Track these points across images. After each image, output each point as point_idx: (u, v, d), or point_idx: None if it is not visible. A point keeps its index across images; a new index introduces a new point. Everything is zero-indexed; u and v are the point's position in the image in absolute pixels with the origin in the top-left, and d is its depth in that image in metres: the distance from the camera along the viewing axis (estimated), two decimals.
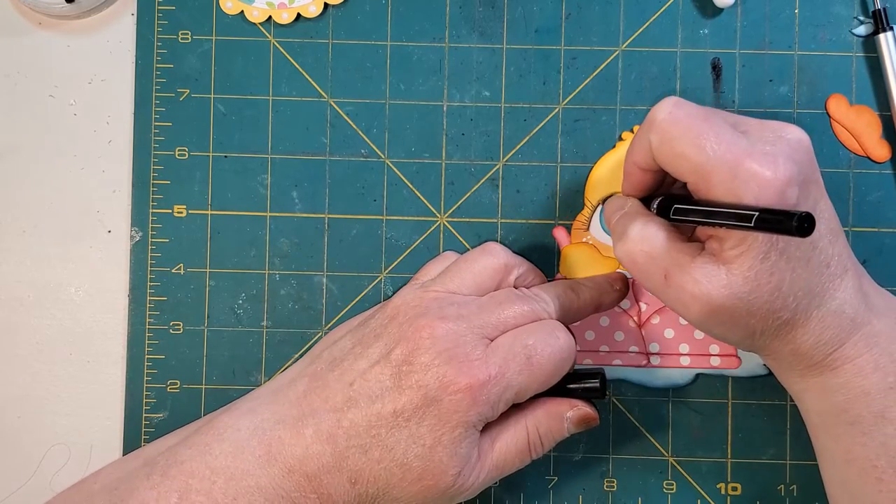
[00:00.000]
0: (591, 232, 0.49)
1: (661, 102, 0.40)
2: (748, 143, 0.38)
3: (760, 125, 0.40)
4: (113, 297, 0.50)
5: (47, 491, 0.49)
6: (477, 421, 0.42)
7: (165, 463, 0.42)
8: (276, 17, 0.50)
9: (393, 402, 0.41)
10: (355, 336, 0.44)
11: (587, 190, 0.49)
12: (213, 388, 0.50)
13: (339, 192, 0.50)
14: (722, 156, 0.38)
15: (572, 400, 0.45)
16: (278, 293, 0.50)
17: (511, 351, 0.42)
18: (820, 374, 0.41)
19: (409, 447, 0.41)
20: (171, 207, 0.50)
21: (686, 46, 0.50)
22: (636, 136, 0.42)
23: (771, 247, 0.38)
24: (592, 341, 0.49)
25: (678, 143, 0.39)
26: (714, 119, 0.39)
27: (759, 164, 0.37)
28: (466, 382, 0.41)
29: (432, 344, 0.41)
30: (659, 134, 0.40)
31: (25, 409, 0.50)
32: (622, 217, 0.43)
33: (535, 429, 0.44)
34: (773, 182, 0.37)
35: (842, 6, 0.50)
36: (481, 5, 0.50)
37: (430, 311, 0.42)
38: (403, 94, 0.50)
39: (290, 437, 0.42)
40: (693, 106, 0.40)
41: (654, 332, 0.49)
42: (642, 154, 0.41)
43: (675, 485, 0.49)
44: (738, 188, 0.37)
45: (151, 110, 0.50)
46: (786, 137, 0.39)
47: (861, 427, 0.41)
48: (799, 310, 0.40)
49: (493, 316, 0.43)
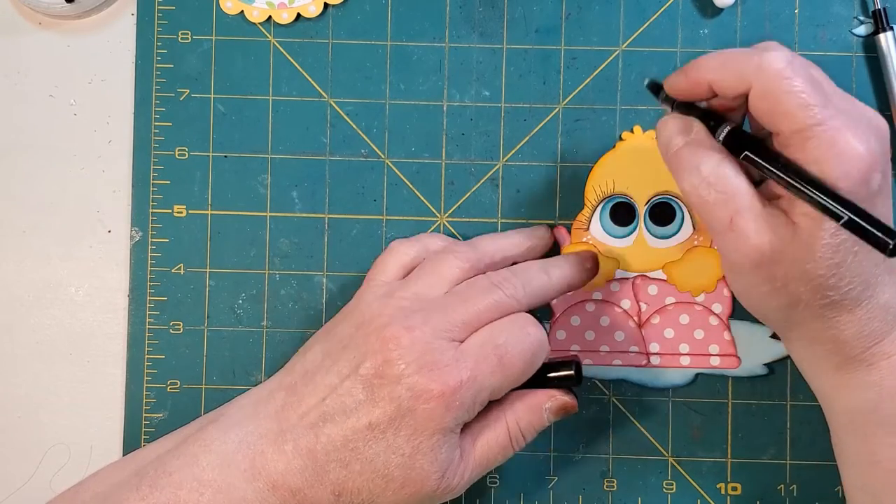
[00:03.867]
0: (590, 232, 0.49)
1: (775, 50, 0.39)
2: (848, 117, 0.38)
3: (852, 104, 0.39)
4: (113, 297, 0.50)
5: (47, 491, 0.49)
6: (454, 426, 0.41)
7: (155, 473, 0.42)
8: (276, 17, 0.50)
9: (367, 415, 0.41)
10: (324, 346, 0.44)
11: (587, 190, 0.49)
12: (213, 388, 0.50)
13: (339, 192, 0.50)
14: (827, 121, 0.37)
15: (550, 390, 0.45)
16: (278, 293, 0.50)
17: (482, 352, 0.42)
18: (855, 369, 0.41)
19: (389, 458, 0.41)
20: (171, 207, 0.50)
21: (686, 46, 0.50)
22: (727, 62, 0.39)
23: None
24: (592, 341, 0.49)
25: (788, 99, 0.38)
26: (823, 83, 0.39)
27: (857, 140, 0.37)
28: (439, 390, 0.40)
29: (400, 355, 0.41)
30: (768, 83, 0.38)
31: (25, 409, 0.50)
32: (689, 147, 0.40)
33: (516, 422, 0.44)
34: (866, 160, 0.37)
35: (842, 6, 0.50)
36: (481, 5, 0.50)
37: (395, 320, 0.42)
38: (403, 94, 0.50)
39: (272, 452, 0.42)
40: (802, 63, 0.39)
41: (654, 332, 0.49)
42: (729, 83, 0.39)
43: (675, 485, 0.49)
44: (832, 158, 0.37)
45: (151, 110, 0.50)
46: (874, 123, 0.39)
47: (889, 428, 0.40)
48: (850, 295, 0.39)
49: (459, 316, 0.42)
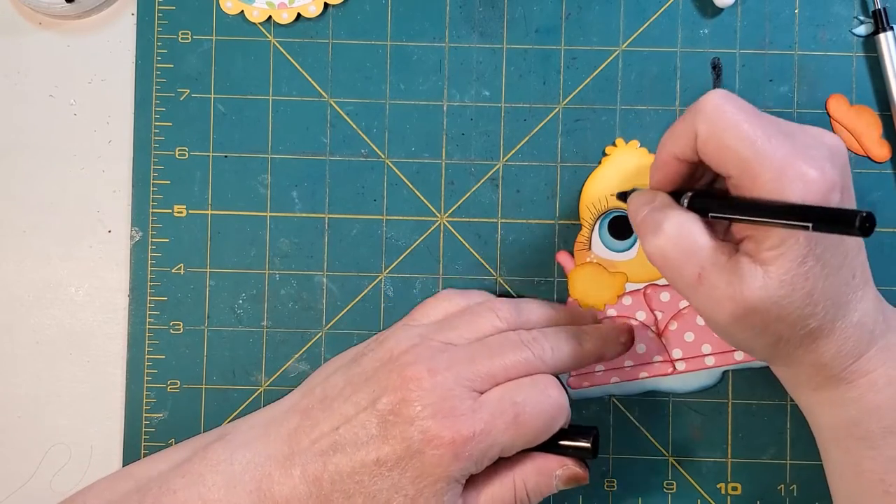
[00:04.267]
0: (593, 251, 0.49)
1: (710, 94, 0.39)
2: (794, 145, 0.38)
3: (801, 129, 0.40)
4: (113, 297, 0.50)
5: (47, 491, 0.49)
6: (459, 476, 0.41)
7: (158, 490, 0.42)
8: (276, 17, 0.50)
9: (377, 450, 0.41)
10: (347, 374, 0.44)
11: (581, 210, 0.49)
12: (213, 388, 0.50)
13: (339, 192, 0.50)
14: (772, 153, 0.37)
15: (563, 458, 0.44)
16: (278, 293, 0.50)
17: (499, 407, 0.42)
18: (835, 387, 0.41)
19: (392, 496, 0.41)
20: (172, 207, 0.50)
21: (686, 46, 0.50)
22: (676, 125, 0.41)
23: (809, 251, 0.38)
24: (615, 359, 0.49)
25: (728, 136, 0.38)
26: (763, 117, 0.39)
27: (808, 166, 0.37)
28: (450, 437, 0.40)
29: (419, 396, 0.41)
30: (708, 124, 0.39)
31: (25, 409, 0.50)
32: (652, 211, 0.41)
33: (523, 484, 0.43)
34: (819, 184, 0.37)
35: (842, 6, 0.50)
36: (481, 5, 0.50)
37: (420, 361, 0.42)
38: (403, 94, 0.50)
39: (279, 476, 0.42)
40: (742, 101, 0.39)
41: (675, 338, 0.49)
42: (683, 144, 0.40)
43: (675, 485, 0.49)
44: (785, 187, 0.37)
45: (151, 110, 0.50)
46: (827, 143, 0.39)
47: (870, 441, 0.40)
48: (826, 319, 0.39)
49: (483, 367, 0.42)
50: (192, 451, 0.45)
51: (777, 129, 0.38)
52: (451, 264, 0.50)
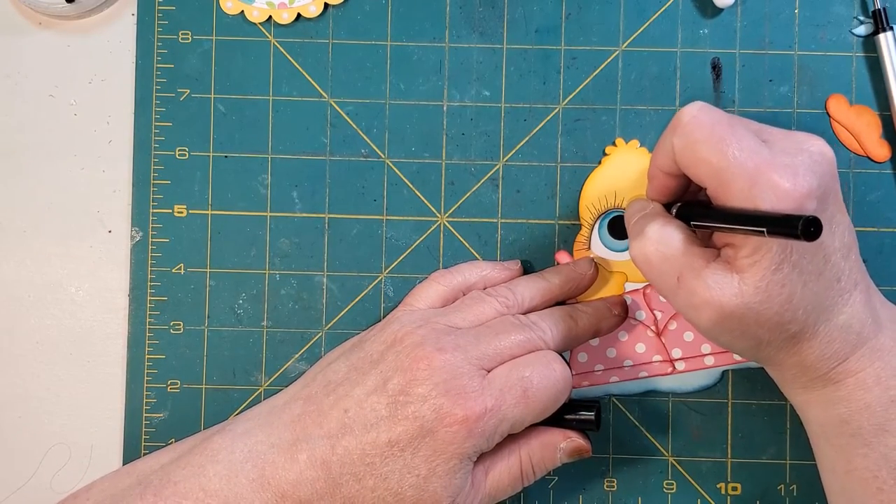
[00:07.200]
0: (592, 250, 0.49)
1: (687, 106, 0.40)
2: (770, 153, 0.38)
3: (784, 136, 0.40)
4: (113, 297, 0.50)
5: (47, 491, 0.49)
6: (472, 453, 0.42)
7: (159, 482, 0.42)
8: (276, 17, 0.50)
9: (388, 431, 0.41)
10: (350, 360, 0.44)
11: (581, 210, 0.49)
12: (213, 388, 0.50)
13: (339, 192, 0.50)
14: (743, 163, 0.38)
15: (566, 431, 0.45)
16: (278, 293, 0.50)
17: (507, 383, 0.42)
18: (823, 386, 0.41)
19: (404, 477, 0.41)
20: (172, 207, 0.50)
21: (686, 46, 0.50)
22: (661, 139, 0.42)
23: (784, 258, 0.38)
24: (615, 358, 0.49)
25: (701, 148, 0.39)
26: (738, 126, 0.39)
27: (778, 175, 0.37)
28: (463, 415, 0.41)
29: (429, 375, 0.41)
30: (682, 137, 0.40)
31: (25, 409, 0.50)
32: (641, 218, 0.43)
33: (529, 458, 0.44)
34: (791, 193, 0.37)
35: (842, 6, 0.50)
36: (481, 5, 0.50)
37: (427, 342, 0.42)
38: (403, 94, 0.50)
39: (283, 462, 0.42)
40: (719, 112, 0.40)
41: (674, 338, 0.49)
42: (666, 158, 0.41)
43: (675, 485, 0.49)
44: (757, 197, 0.37)
45: (151, 110, 0.50)
46: (808, 150, 0.39)
47: (862, 439, 0.41)
48: (808, 323, 0.40)
49: (489, 347, 0.43)
50: (193, 444, 0.45)
51: (753, 138, 0.39)
52: (451, 264, 0.50)
